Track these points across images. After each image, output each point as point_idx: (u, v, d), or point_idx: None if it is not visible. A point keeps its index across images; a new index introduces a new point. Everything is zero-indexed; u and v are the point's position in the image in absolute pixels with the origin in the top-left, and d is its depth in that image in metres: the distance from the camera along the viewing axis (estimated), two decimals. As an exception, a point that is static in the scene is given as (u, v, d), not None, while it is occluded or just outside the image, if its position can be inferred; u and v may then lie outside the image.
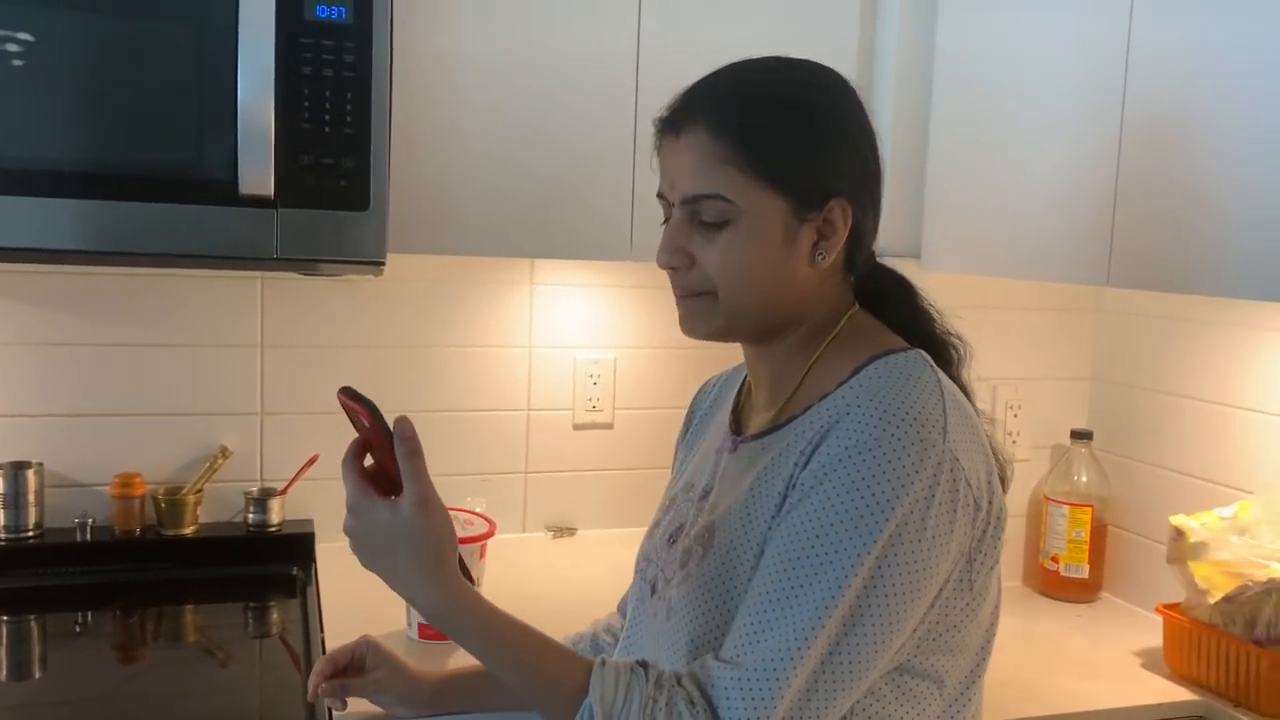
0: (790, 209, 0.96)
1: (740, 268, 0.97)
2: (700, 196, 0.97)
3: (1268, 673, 1.40)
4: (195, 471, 1.83)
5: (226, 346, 1.85)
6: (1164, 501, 1.78)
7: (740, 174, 0.95)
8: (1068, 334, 2.00)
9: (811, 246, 0.98)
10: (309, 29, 1.40)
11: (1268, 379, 1.63)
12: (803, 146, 0.96)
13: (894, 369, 0.95)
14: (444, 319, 1.96)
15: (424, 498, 0.94)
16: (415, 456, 0.95)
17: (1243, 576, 1.44)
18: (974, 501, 0.92)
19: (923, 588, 0.90)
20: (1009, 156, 1.61)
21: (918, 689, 0.95)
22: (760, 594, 0.91)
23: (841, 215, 0.98)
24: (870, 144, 1.01)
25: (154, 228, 1.38)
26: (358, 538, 0.97)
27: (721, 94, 0.99)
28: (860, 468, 0.89)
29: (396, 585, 0.97)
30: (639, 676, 0.90)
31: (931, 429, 0.90)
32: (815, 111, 0.98)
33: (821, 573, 0.88)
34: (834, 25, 1.76)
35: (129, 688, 1.44)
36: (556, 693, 0.92)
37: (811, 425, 0.95)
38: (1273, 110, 1.20)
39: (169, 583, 1.77)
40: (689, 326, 1.03)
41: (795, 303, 1.01)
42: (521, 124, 1.63)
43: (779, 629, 0.88)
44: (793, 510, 0.92)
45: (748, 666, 0.88)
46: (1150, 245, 1.35)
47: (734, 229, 0.96)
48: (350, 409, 0.98)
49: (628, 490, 2.09)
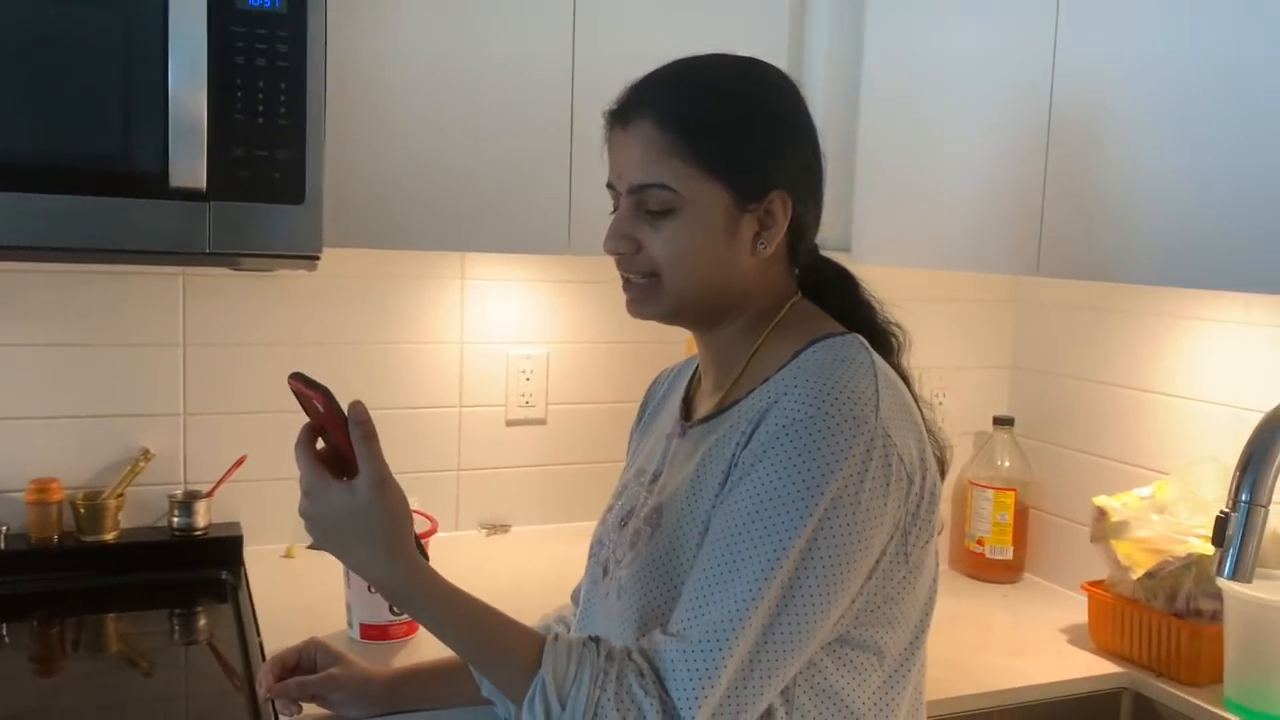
0: (732, 199, 1.00)
1: (684, 254, 1.00)
2: (646, 186, 1.00)
3: (1188, 643, 1.47)
4: (115, 475, 1.77)
5: (147, 345, 1.79)
6: (1083, 484, 1.85)
7: (684, 165, 0.99)
8: (988, 324, 2.06)
9: (753, 236, 1.02)
10: (241, 18, 1.36)
11: (1180, 364, 1.71)
12: (745, 139, 1.00)
13: (831, 351, 0.99)
14: (373, 315, 1.93)
15: (380, 478, 0.96)
16: (370, 440, 0.96)
17: (1163, 553, 1.51)
18: (907, 476, 0.96)
19: (858, 559, 0.93)
20: (938, 152, 1.66)
21: (858, 660, 0.98)
22: (703, 569, 0.94)
23: (782, 206, 1.01)
24: (811, 140, 1.05)
25: (80, 221, 1.33)
26: (314, 520, 0.99)
27: (668, 87, 1.02)
28: (796, 444, 0.92)
29: (354, 565, 1.00)
30: (590, 650, 0.93)
31: (864, 406, 0.94)
32: (758, 106, 1.02)
33: (759, 546, 0.91)
34: (764, 28, 1.79)
35: (49, 702, 1.38)
36: (510, 666, 0.95)
37: (753, 407, 0.99)
38: (1188, 109, 1.26)
39: (90, 591, 1.70)
40: (636, 309, 1.06)
41: (738, 289, 1.04)
42: (459, 117, 1.61)
43: (720, 601, 0.91)
44: (734, 487, 0.95)
45: (692, 639, 0.91)
46: (1078, 236, 1.40)
47: (678, 217, 1.00)
48: (303, 394, 0.98)
49: (561, 486, 2.08)
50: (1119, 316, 1.82)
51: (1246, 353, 1.60)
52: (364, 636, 1.49)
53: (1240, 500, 1.12)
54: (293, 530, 1.90)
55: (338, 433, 0.97)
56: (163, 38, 1.32)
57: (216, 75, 1.35)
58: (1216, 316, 1.65)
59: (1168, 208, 1.29)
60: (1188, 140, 1.26)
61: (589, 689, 0.90)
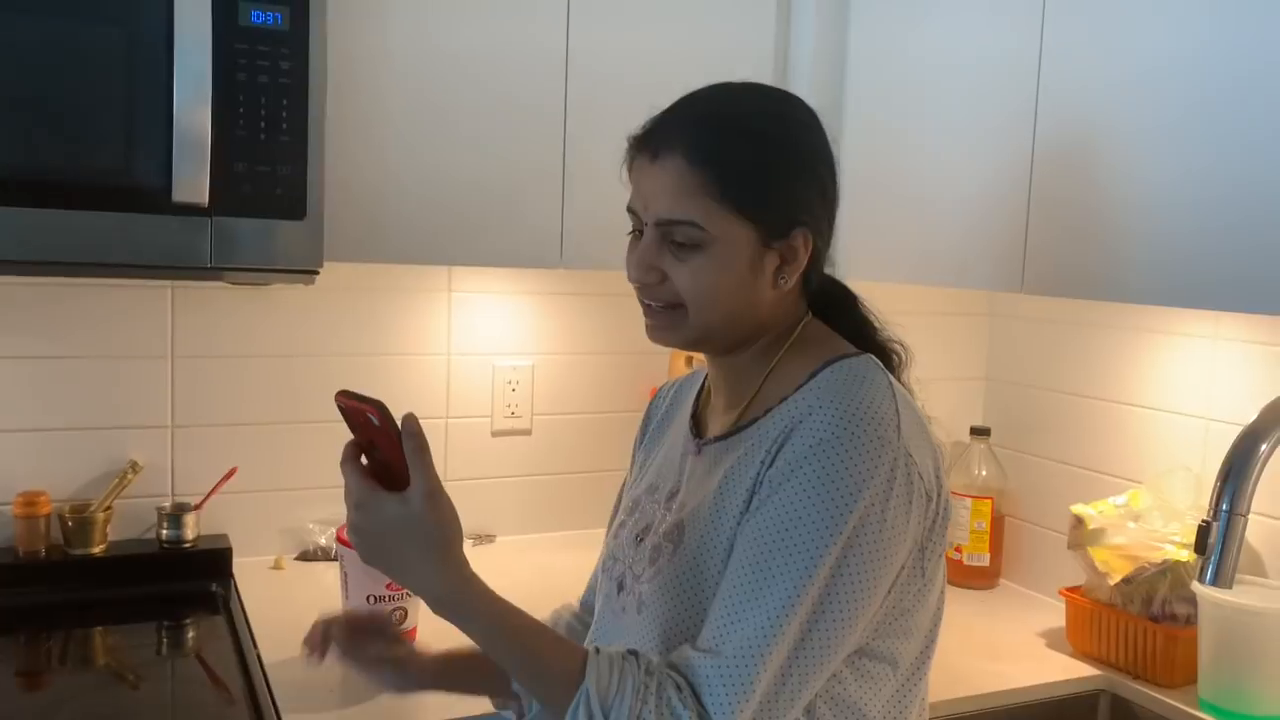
0: (758, 237, 1.02)
1: (709, 289, 1.03)
2: (675, 221, 1.02)
3: (1163, 646, 1.53)
4: (103, 488, 1.76)
5: (135, 358, 1.79)
6: (1057, 492, 1.91)
7: (715, 204, 1.00)
8: (964, 337, 2.12)
9: (774, 270, 1.04)
10: (245, 35, 1.38)
11: (1151, 377, 1.78)
12: (774, 181, 1.02)
13: (849, 372, 1.02)
14: (361, 327, 1.94)
15: (433, 489, 0.96)
16: (424, 451, 0.96)
17: (1139, 559, 1.57)
18: (925, 494, 0.99)
19: (883, 574, 0.97)
20: (923, 164, 1.70)
21: (874, 670, 1.02)
22: (734, 585, 0.96)
23: (804, 243, 1.04)
24: (831, 173, 1.08)
25: (82, 236, 1.34)
26: (364, 532, 0.98)
27: (700, 122, 1.03)
28: (824, 464, 0.95)
29: (405, 575, 0.99)
30: (631, 664, 0.95)
31: (887, 427, 0.97)
32: (788, 147, 1.04)
33: (791, 563, 0.94)
34: (751, 31, 1.83)
35: (38, 717, 1.38)
36: (555, 678, 0.96)
37: (774, 426, 1.01)
38: (1172, 126, 1.31)
39: (78, 604, 1.69)
40: (657, 335, 1.08)
41: (758, 319, 1.07)
42: (454, 133, 1.63)
43: (753, 617, 0.93)
44: (762, 506, 0.98)
45: (725, 654, 0.93)
46: (1062, 254, 1.45)
47: (704, 253, 1.02)
48: (353, 408, 0.98)
49: (547, 496, 2.11)
50: (1092, 330, 1.88)
51: (1216, 366, 1.67)
52: (362, 648, 1.50)
53: (1221, 509, 1.17)
54: (281, 542, 1.91)
55: (388, 445, 0.97)
56: (167, 54, 1.33)
57: (220, 91, 1.36)
58: (1187, 331, 1.72)
59: (1150, 227, 1.34)
60: (1171, 158, 1.31)
61: (631, 701, 0.92)
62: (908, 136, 1.74)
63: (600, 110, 1.70)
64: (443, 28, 1.61)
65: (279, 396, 1.89)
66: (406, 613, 1.51)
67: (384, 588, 1.48)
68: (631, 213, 1.07)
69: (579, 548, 2.03)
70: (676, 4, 1.76)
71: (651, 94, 1.11)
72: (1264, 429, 1.18)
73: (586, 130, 1.70)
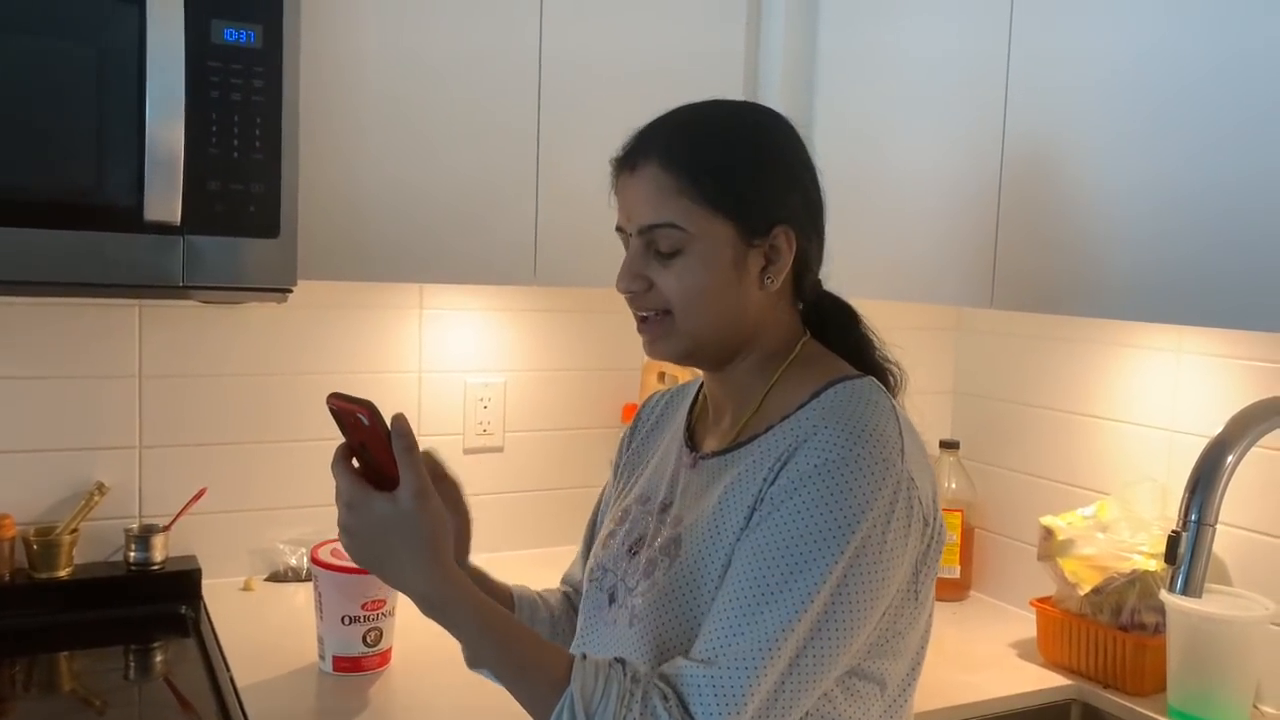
0: (738, 234, 1.04)
1: (694, 289, 1.04)
2: (655, 226, 1.04)
3: (1133, 655, 1.55)
4: (69, 510, 1.73)
5: (101, 377, 1.77)
6: (1026, 504, 1.94)
7: (692, 203, 1.02)
8: (932, 351, 2.14)
9: (760, 270, 1.05)
10: (217, 52, 1.37)
11: (1117, 390, 1.81)
12: (749, 177, 1.04)
13: (854, 393, 1.03)
14: (331, 345, 1.92)
15: (422, 489, 0.97)
16: (413, 451, 0.98)
17: (1108, 569, 1.59)
18: (923, 518, 1.00)
19: (881, 596, 0.98)
20: (892, 180, 1.73)
21: (863, 690, 1.02)
22: (733, 598, 0.96)
23: (786, 241, 1.05)
24: (811, 177, 1.10)
25: (54, 255, 1.32)
26: (355, 531, 0.99)
27: (672, 131, 1.06)
28: (829, 484, 0.95)
29: (394, 575, 0.99)
30: (617, 671, 0.95)
31: (892, 450, 0.98)
32: (760, 144, 1.06)
33: (793, 579, 0.94)
34: (722, 43, 1.85)
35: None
36: (540, 681, 0.96)
37: (776, 444, 1.02)
38: (1137, 136, 1.34)
39: (44, 629, 1.66)
40: (652, 349, 1.09)
41: (748, 325, 1.07)
42: (427, 150, 1.63)
43: (752, 631, 0.94)
44: (764, 521, 0.98)
45: (721, 665, 0.94)
46: (1030, 270, 1.48)
47: (687, 255, 1.03)
48: (344, 410, 0.99)
49: (520, 513, 2.10)
50: (1058, 344, 1.91)
51: (1180, 379, 1.70)
52: (336, 669, 1.49)
53: (1190, 520, 1.20)
54: (250, 563, 1.89)
55: (378, 445, 0.98)
56: (139, 71, 1.32)
57: (192, 109, 1.35)
58: (1152, 345, 1.75)
59: (1115, 242, 1.36)
60: (1136, 174, 1.34)
61: (615, 707, 0.92)
62: (877, 150, 1.76)
63: (574, 127, 1.70)
64: (416, 46, 1.61)
65: (248, 416, 1.87)
66: (382, 633, 1.50)
67: (359, 608, 1.48)
68: (620, 231, 1.09)
69: (552, 565, 2.00)
70: (648, 18, 1.78)
71: (625, 110, 1.12)
72: (1230, 440, 1.21)
73: (560, 147, 1.70)
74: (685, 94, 1.12)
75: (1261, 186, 1.20)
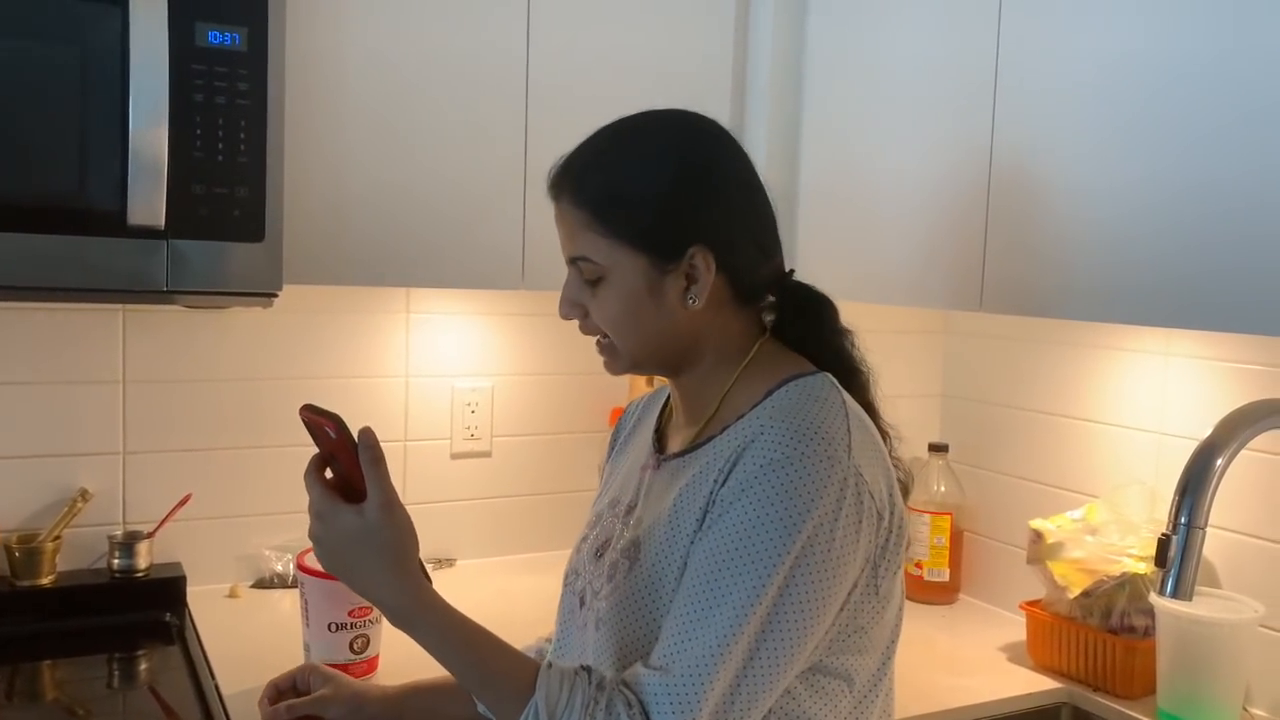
0: (651, 263, 1.05)
1: (618, 318, 1.07)
2: (576, 259, 1.07)
3: (1123, 658, 1.55)
4: (52, 516, 1.71)
5: (85, 383, 1.75)
6: (1014, 507, 1.94)
7: (600, 238, 1.05)
8: (920, 354, 2.14)
9: (681, 292, 1.06)
10: (202, 55, 1.36)
11: (1105, 393, 1.81)
12: (655, 207, 1.04)
13: (803, 391, 1.03)
14: (317, 350, 1.91)
15: (388, 501, 0.99)
16: (379, 464, 1.00)
17: (1097, 572, 1.59)
18: (877, 512, 1.00)
19: (832, 592, 0.98)
20: (881, 182, 1.72)
21: (829, 686, 1.03)
22: (684, 604, 0.97)
23: (704, 261, 1.05)
24: (734, 184, 1.08)
25: (36, 259, 1.30)
26: (324, 542, 1.02)
27: (585, 163, 1.08)
28: (774, 483, 0.96)
29: (361, 585, 1.02)
30: (582, 679, 0.96)
31: (837, 446, 0.98)
32: (670, 168, 1.06)
33: (739, 582, 0.95)
34: (709, 46, 1.84)
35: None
36: (505, 690, 0.98)
37: (728, 444, 1.03)
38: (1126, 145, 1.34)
39: (26, 638, 1.64)
40: (607, 367, 1.12)
41: (686, 339, 1.08)
42: (413, 153, 1.62)
43: (702, 635, 0.95)
44: (713, 525, 0.99)
45: (674, 672, 0.94)
46: (1019, 273, 1.48)
47: (606, 285, 1.06)
48: (314, 423, 1.01)
49: (507, 518, 2.09)
50: (1046, 347, 1.91)
51: (1168, 382, 1.70)
52: (323, 676, 1.48)
53: (1180, 523, 1.19)
54: (236, 570, 1.87)
55: (346, 458, 0.99)
56: (122, 74, 1.31)
57: (176, 112, 1.34)
58: (1140, 348, 1.75)
59: (1104, 246, 1.36)
60: (1123, 178, 1.34)
61: (580, 715, 0.93)
62: (865, 152, 1.76)
63: (561, 131, 1.66)
64: (403, 49, 1.60)
65: (234, 421, 1.85)
66: (369, 640, 1.49)
67: (345, 615, 1.46)
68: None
69: (540, 571, 2.02)
70: (636, 20, 1.77)
71: (613, 112, 1.12)
72: (1220, 443, 1.21)
73: (547, 151, 1.65)
74: (673, 96, 1.12)
75: (1249, 188, 1.20)
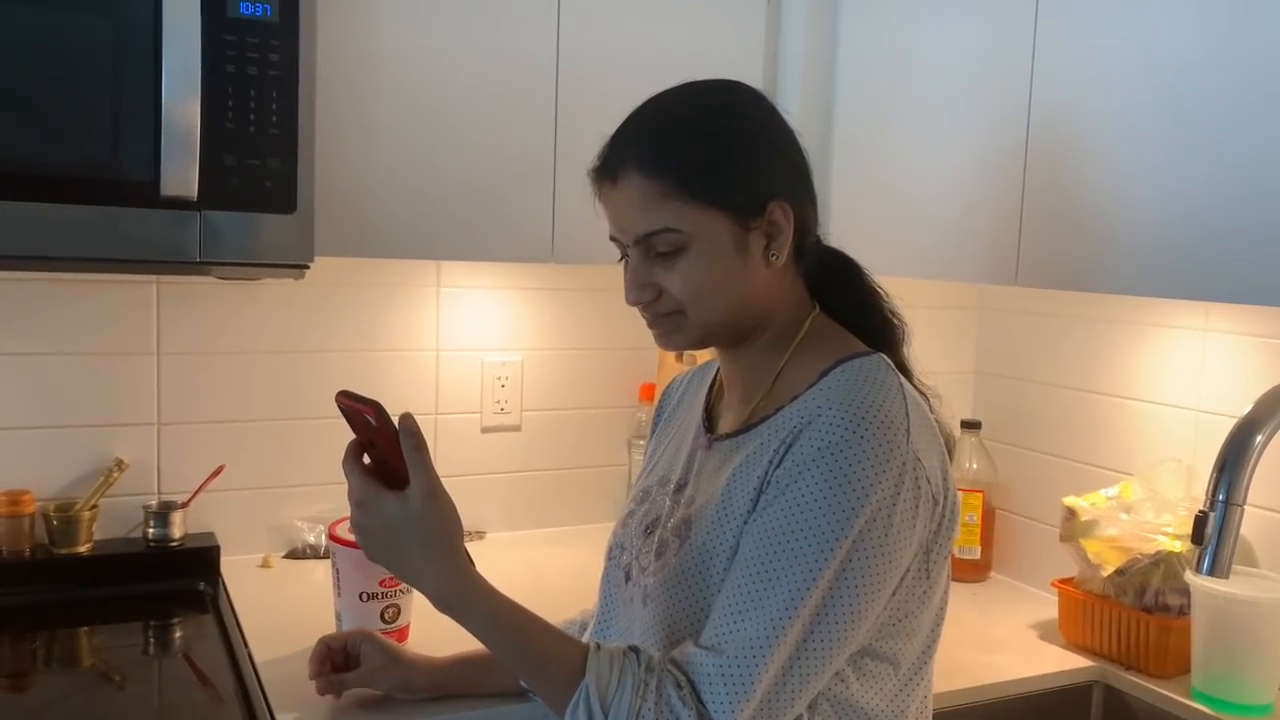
0: (735, 222, 1.03)
1: (704, 286, 1.03)
2: (651, 233, 1.03)
3: (1156, 637, 1.53)
4: (89, 486, 1.73)
5: (120, 354, 1.77)
6: (1047, 485, 1.92)
7: (682, 204, 1.01)
8: (954, 330, 2.12)
9: (764, 250, 1.04)
10: (233, 26, 1.36)
11: (1141, 369, 1.78)
12: (730, 163, 1.03)
13: (860, 373, 1.02)
14: (349, 323, 1.92)
15: (431, 488, 0.98)
16: (421, 450, 0.99)
17: (1131, 550, 1.57)
18: (932, 498, 0.99)
19: (887, 578, 0.97)
20: (914, 158, 1.70)
21: (876, 670, 1.02)
22: (738, 583, 0.96)
23: (783, 214, 1.04)
24: (789, 141, 1.08)
25: (69, 230, 1.31)
26: (367, 530, 1.00)
27: (644, 135, 1.05)
28: (832, 467, 0.95)
29: (407, 574, 1.01)
30: (631, 660, 0.96)
31: (897, 431, 0.97)
32: (733, 126, 1.05)
33: (796, 564, 0.94)
34: (741, 30, 1.82)
35: (22, 719, 1.35)
36: (555, 674, 0.97)
37: (784, 425, 1.01)
38: (1164, 119, 1.31)
39: (63, 605, 1.67)
40: (664, 341, 1.09)
41: (760, 305, 1.07)
42: (444, 126, 1.62)
43: (756, 616, 0.94)
44: (769, 506, 0.98)
45: (728, 652, 0.94)
46: (1056, 247, 1.45)
47: (689, 254, 1.02)
48: (352, 409, 1.00)
49: (536, 492, 2.09)
50: (1082, 322, 1.88)
51: (1206, 358, 1.67)
52: (355, 645, 1.49)
53: (1218, 500, 1.17)
54: (269, 540, 1.89)
55: (387, 444, 0.98)
56: (155, 45, 1.31)
57: (208, 83, 1.34)
58: (1178, 323, 1.72)
59: (1143, 219, 1.34)
60: (1164, 150, 1.31)
61: (630, 698, 0.93)
62: (899, 131, 1.73)
63: (591, 106, 1.69)
64: (434, 22, 1.60)
65: (267, 392, 1.87)
66: (400, 610, 1.50)
67: (377, 584, 1.47)
68: (614, 241, 1.08)
69: (569, 544, 2.02)
70: (668, 8, 1.75)
71: (641, 91, 1.11)
72: (1260, 420, 1.19)
73: (577, 125, 1.69)
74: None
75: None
